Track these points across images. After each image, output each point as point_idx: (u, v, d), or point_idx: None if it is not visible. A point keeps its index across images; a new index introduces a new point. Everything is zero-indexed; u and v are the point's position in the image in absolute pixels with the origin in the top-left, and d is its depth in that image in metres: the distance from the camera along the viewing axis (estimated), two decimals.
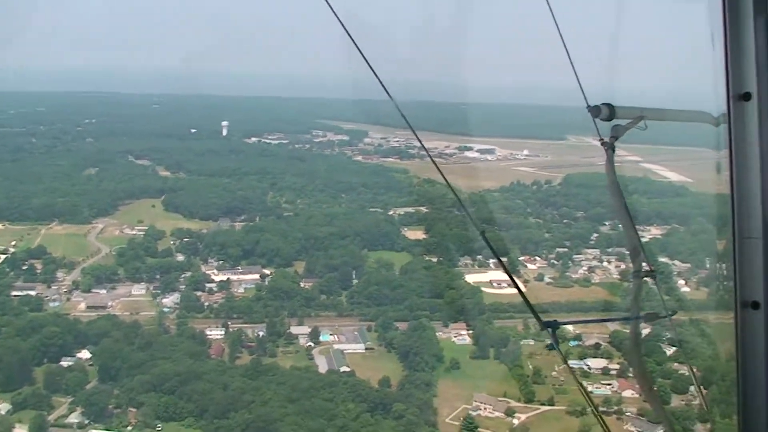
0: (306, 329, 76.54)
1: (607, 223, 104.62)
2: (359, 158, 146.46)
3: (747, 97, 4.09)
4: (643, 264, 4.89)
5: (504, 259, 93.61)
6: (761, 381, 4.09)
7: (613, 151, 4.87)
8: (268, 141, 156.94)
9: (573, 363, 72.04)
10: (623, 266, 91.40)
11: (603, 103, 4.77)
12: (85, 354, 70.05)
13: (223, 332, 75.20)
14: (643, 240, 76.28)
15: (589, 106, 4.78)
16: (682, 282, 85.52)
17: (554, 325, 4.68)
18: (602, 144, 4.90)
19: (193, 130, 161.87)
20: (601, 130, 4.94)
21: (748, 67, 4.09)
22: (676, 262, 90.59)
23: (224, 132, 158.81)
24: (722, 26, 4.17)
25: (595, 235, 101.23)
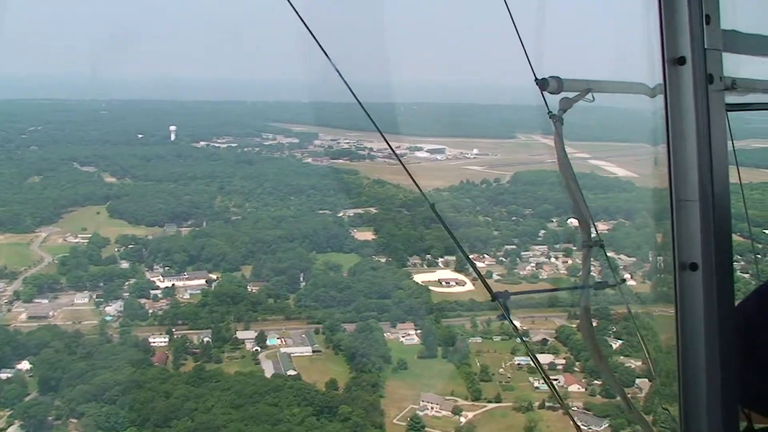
0: (252, 334, 75.66)
1: (554, 220, 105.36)
2: (309, 160, 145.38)
3: (682, 61, 4.08)
4: (592, 234, 4.82)
5: (452, 258, 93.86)
6: (699, 340, 4.06)
7: (561, 123, 4.70)
8: (216, 145, 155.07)
9: (520, 359, 72.23)
10: (570, 261, 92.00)
11: (551, 76, 4.60)
12: (24, 365, 68.38)
13: (167, 339, 73.91)
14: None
15: (537, 79, 4.59)
16: (627, 276, 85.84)
17: (505, 296, 4.51)
18: (550, 117, 4.75)
19: (140, 136, 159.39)
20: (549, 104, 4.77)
21: (682, 31, 4.10)
22: (622, 256, 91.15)
23: (172, 137, 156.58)
24: None
25: (543, 231, 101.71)
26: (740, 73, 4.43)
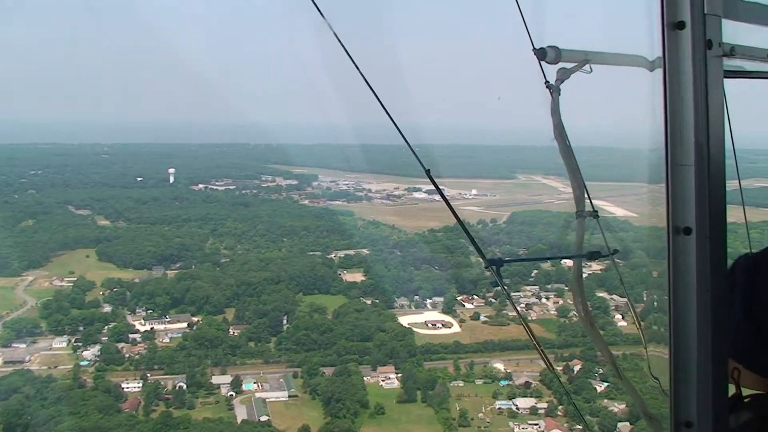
0: (228, 378, 74.03)
1: (549, 261, 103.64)
2: (306, 202, 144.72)
3: (681, 26, 4.01)
4: (587, 205, 5.04)
5: (440, 299, 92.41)
6: (692, 304, 3.98)
7: (559, 93, 4.89)
8: (214, 187, 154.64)
9: (501, 403, 70.32)
10: (561, 302, 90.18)
11: (549, 46, 4.71)
12: None
13: (141, 384, 72.38)
14: (584, 276, 75.52)
15: (534, 48, 4.70)
16: (619, 316, 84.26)
17: (498, 263, 4.62)
18: (547, 87, 4.88)
19: (139, 179, 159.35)
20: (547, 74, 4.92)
21: None
22: (614, 296, 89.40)
23: (171, 179, 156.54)
24: None
25: (535, 271, 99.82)
26: (739, 40, 4.46)
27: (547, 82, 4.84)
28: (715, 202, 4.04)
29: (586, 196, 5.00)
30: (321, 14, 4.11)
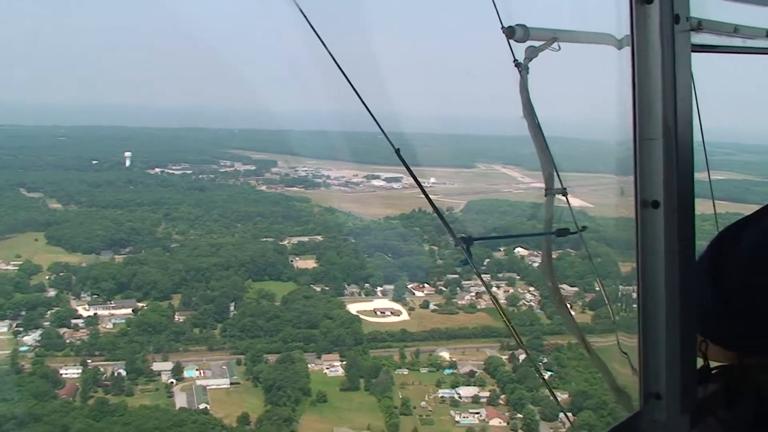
0: (170, 365, 73.09)
1: (501, 249, 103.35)
2: (263, 188, 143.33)
3: (649, 0, 4.15)
4: (556, 182, 5.10)
5: (390, 287, 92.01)
6: (660, 277, 4.19)
7: (527, 72, 4.78)
8: (171, 171, 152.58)
9: (444, 392, 70.12)
10: (511, 290, 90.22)
11: (517, 24, 4.59)
12: None
13: (80, 371, 71.22)
14: (534, 265, 74.95)
15: (503, 27, 4.57)
16: (567, 305, 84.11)
17: (469, 242, 4.65)
18: (516, 65, 4.79)
19: (95, 162, 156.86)
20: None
21: None
22: (564, 285, 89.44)
23: (127, 163, 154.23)
24: None
25: (488, 260, 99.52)
26: (706, 14, 4.49)
27: (515, 60, 4.78)
28: (683, 176, 4.19)
29: (555, 173, 5.06)
30: (297, 4, 3.95)
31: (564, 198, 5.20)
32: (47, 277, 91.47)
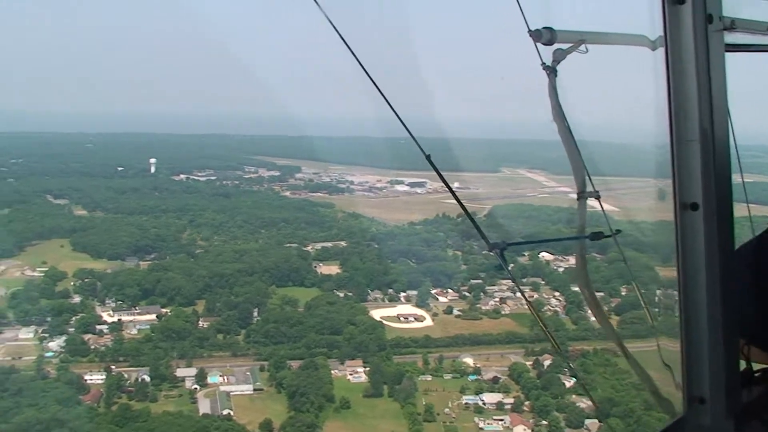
0: (193, 371, 73.14)
1: (525, 254, 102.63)
2: (287, 194, 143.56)
3: (681, 0, 4.07)
4: (588, 185, 4.98)
5: (414, 293, 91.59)
6: (701, 280, 4.14)
7: (555, 75, 4.77)
8: (196, 178, 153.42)
9: (468, 398, 69.58)
10: (536, 296, 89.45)
11: (544, 27, 4.61)
12: None
13: (104, 376, 71.46)
14: (560, 269, 74.24)
15: (530, 30, 4.59)
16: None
17: (501, 247, 4.54)
18: (544, 68, 4.79)
19: (120, 168, 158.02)
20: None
21: None
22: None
23: (152, 169, 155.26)
24: None
25: (512, 265, 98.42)
26: (739, 14, 4.42)
27: (543, 63, 4.76)
28: (721, 178, 4.20)
29: (587, 177, 4.96)
30: (320, 8, 3.94)
31: (595, 202, 5.10)
32: (72, 284, 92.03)
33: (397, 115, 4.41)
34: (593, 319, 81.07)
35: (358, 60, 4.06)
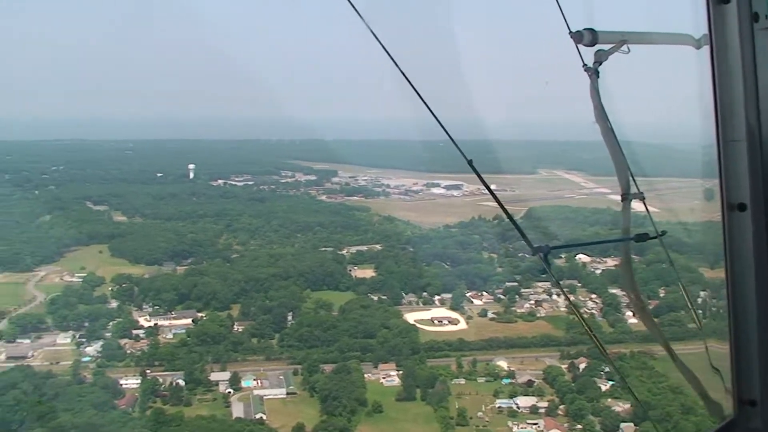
0: (227, 375, 73.36)
1: (562, 256, 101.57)
2: (323, 198, 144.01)
3: (727, 0, 3.97)
4: (632, 187, 4.90)
5: (448, 296, 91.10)
6: (750, 282, 4.08)
7: (598, 75, 4.77)
8: (233, 183, 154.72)
9: (502, 402, 68.91)
10: (572, 298, 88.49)
11: (585, 29, 4.62)
12: None
13: (139, 381, 71.98)
14: (597, 272, 73.28)
15: (571, 32, 4.64)
16: (630, 314, 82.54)
17: (545, 251, 4.67)
18: (585, 70, 4.80)
19: (159, 174, 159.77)
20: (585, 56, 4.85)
21: None
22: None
23: (191, 175, 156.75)
24: None
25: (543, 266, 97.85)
26: None
27: (585, 65, 4.78)
28: None
29: (630, 178, 4.95)
30: (357, 12, 3.98)
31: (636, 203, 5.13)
32: (110, 289, 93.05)
33: (438, 120, 4.41)
34: (631, 321, 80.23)
35: (396, 63, 4.10)
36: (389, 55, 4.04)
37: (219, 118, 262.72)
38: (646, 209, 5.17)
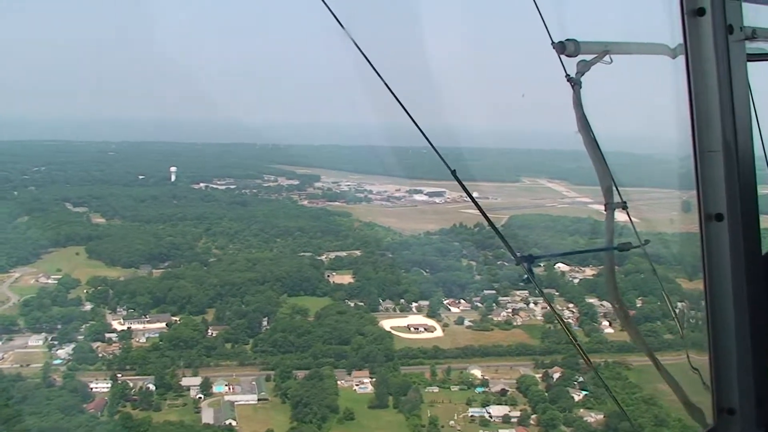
0: (198, 380, 72.71)
1: (541, 264, 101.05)
2: (305, 202, 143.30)
3: (701, 12, 4.04)
4: (615, 196, 4.94)
5: (426, 303, 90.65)
6: (727, 291, 4.12)
7: (580, 86, 4.78)
8: (215, 186, 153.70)
9: (474, 411, 68.55)
10: (549, 308, 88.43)
11: (567, 39, 4.63)
12: None
13: (110, 385, 71.24)
14: (575, 281, 73.05)
15: (553, 42, 4.63)
16: (606, 323, 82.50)
17: (529, 260, 4.80)
18: (568, 80, 4.80)
19: (141, 177, 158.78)
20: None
21: None
22: (605, 303, 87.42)
23: (172, 178, 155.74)
24: None
25: (526, 275, 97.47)
26: (761, 23, 4.39)
27: (567, 75, 4.79)
28: (746, 189, 4.15)
29: (614, 187, 4.95)
30: (336, 19, 3.97)
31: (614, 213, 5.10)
32: (85, 291, 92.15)
33: (420, 129, 4.43)
34: (607, 331, 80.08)
35: (376, 70, 4.10)
36: (370, 62, 4.06)
37: (205, 122, 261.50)
38: (629, 218, 5.19)
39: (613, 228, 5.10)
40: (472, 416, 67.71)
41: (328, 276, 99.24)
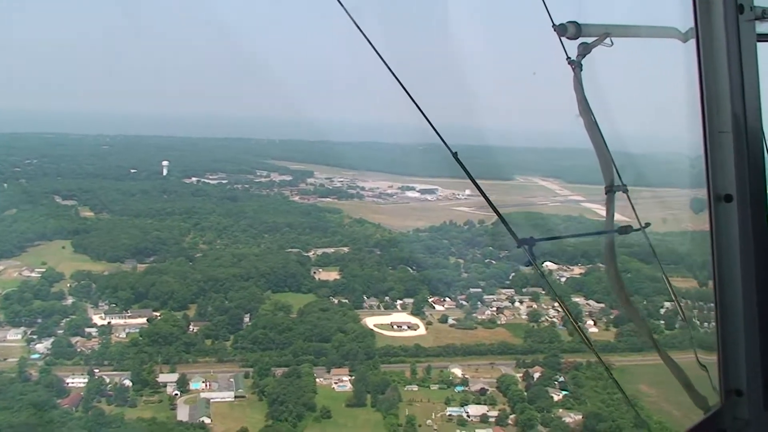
0: (175, 377, 72.06)
1: (529, 266, 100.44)
2: (296, 198, 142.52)
3: None
4: (615, 179, 4.90)
5: (410, 300, 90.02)
6: (736, 272, 4.06)
7: (581, 69, 4.76)
8: (207, 181, 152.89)
9: (452, 410, 67.94)
10: (535, 306, 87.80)
11: (569, 21, 4.58)
12: None
13: (87, 380, 70.58)
14: (562, 280, 72.42)
15: (554, 24, 4.57)
16: (591, 323, 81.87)
17: (530, 242, 4.78)
18: (569, 62, 4.79)
19: (133, 170, 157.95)
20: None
21: None
22: (591, 302, 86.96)
23: (164, 172, 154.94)
24: None
25: (513, 274, 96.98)
26: None
27: (568, 58, 4.75)
28: (755, 169, 4.12)
29: (615, 171, 4.90)
30: (347, 12, 3.89)
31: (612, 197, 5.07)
32: (69, 285, 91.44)
33: (425, 116, 4.39)
34: (591, 330, 79.40)
35: (388, 66, 4.10)
36: (381, 58, 4.02)
37: (201, 116, 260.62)
38: (630, 202, 5.14)
39: (614, 211, 5.06)
40: (449, 416, 67.11)
41: (314, 273, 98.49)
